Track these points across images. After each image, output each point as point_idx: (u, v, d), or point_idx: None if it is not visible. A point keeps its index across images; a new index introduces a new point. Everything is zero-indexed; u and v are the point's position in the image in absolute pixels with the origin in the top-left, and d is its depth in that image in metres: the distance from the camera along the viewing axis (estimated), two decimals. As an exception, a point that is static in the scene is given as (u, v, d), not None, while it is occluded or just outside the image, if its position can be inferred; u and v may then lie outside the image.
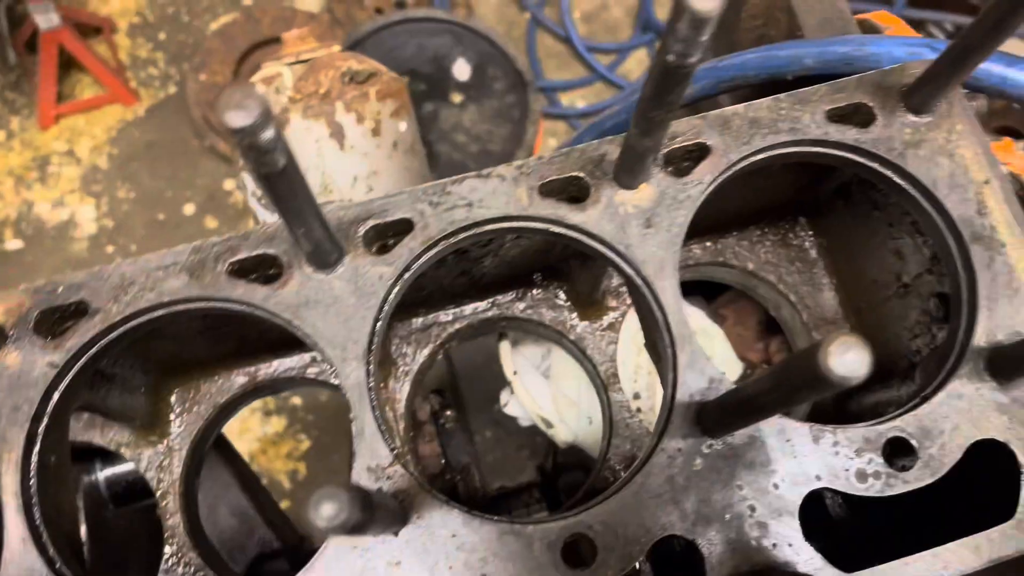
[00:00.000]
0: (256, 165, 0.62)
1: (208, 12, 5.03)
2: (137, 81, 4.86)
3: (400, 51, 3.74)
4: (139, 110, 4.79)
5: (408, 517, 0.80)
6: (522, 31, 5.21)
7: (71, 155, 4.68)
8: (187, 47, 4.95)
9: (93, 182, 4.63)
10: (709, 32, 0.62)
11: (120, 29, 4.97)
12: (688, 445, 0.84)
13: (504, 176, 0.91)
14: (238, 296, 0.86)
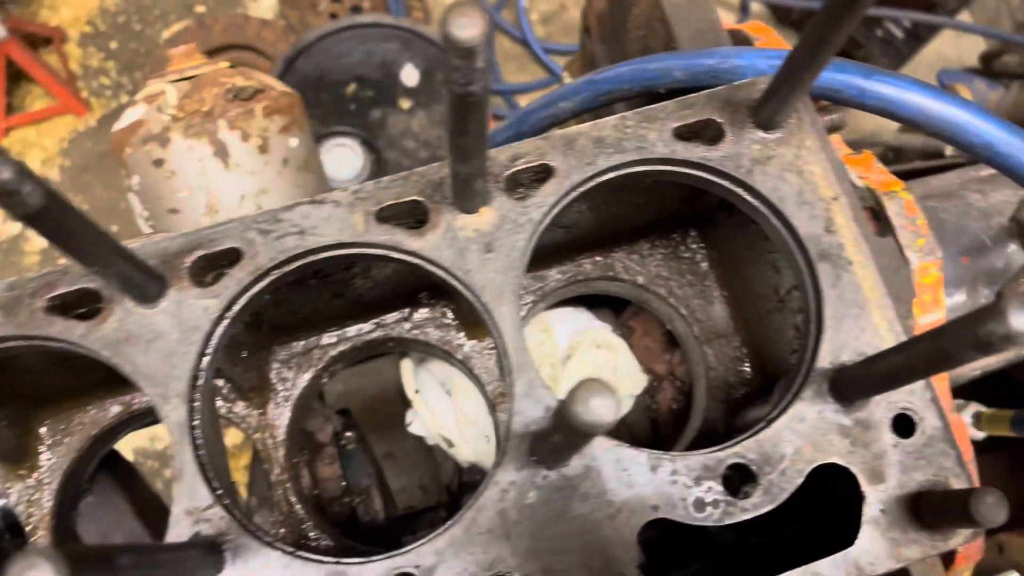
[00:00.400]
0: (8, 210, 0.59)
1: (160, 20, 4.98)
2: (89, 91, 4.80)
3: (347, 57, 3.70)
4: (91, 120, 4.74)
5: (224, 562, 0.77)
6: (480, 34, 5.17)
7: (22, 167, 4.61)
8: (139, 56, 4.89)
9: (44, 194, 4.56)
10: (482, 60, 0.60)
11: (71, 39, 4.91)
12: (522, 477, 0.81)
13: (339, 202, 0.88)
14: (55, 334, 0.83)
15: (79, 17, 4.95)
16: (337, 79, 3.75)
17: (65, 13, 4.95)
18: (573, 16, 5.34)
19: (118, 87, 4.82)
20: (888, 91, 0.97)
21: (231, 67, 1.45)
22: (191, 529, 0.79)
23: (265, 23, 4.77)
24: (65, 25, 4.92)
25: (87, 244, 0.69)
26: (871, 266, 0.87)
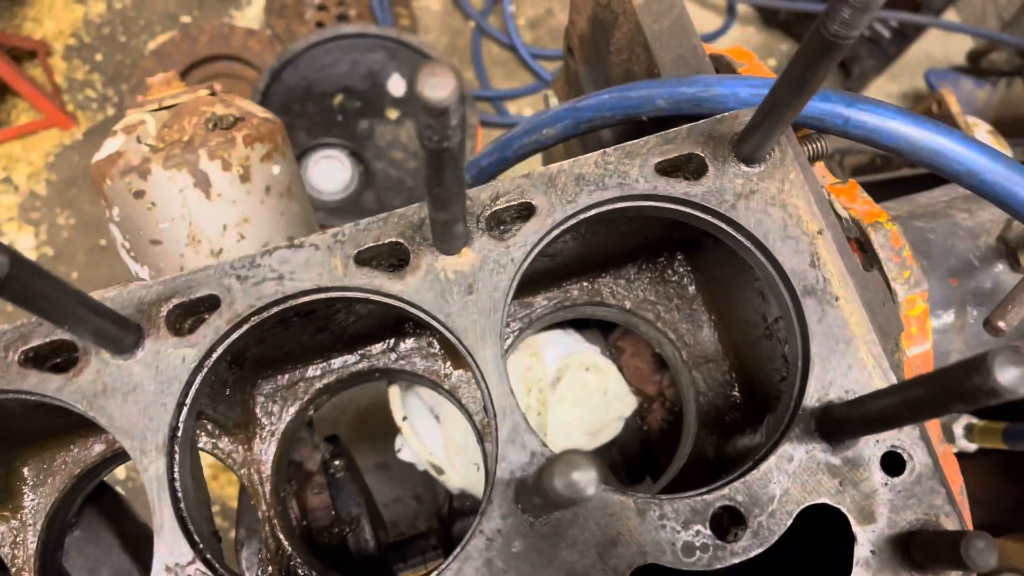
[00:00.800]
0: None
1: (145, 31, 4.94)
2: (74, 104, 4.77)
3: (334, 68, 3.68)
4: (77, 133, 4.70)
5: (206, 619, 0.76)
6: (467, 40, 5.17)
7: (8, 182, 4.58)
8: (124, 67, 4.86)
9: (31, 209, 4.54)
10: (455, 118, 0.59)
11: (55, 51, 4.87)
12: (508, 525, 0.80)
13: (318, 245, 0.87)
14: (30, 387, 0.81)
15: (63, 30, 4.92)
16: (324, 90, 3.73)
17: (49, 26, 4.91)
18: (560, 21, 5.33)
19: (104, 99, 4.79)
20: (871, 120, 0.96)
21: (211, 94, 1.43)
22: (172, 586, 0.77)
23: (251, 33, 4.74)
24: (49, 38, 4.88)
25: (55, 303, 0.67)
26: (857, 301, 0.87)
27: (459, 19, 5.24)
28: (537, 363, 1.45)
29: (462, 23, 5.23)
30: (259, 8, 5.03)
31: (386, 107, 3.70)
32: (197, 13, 5.05)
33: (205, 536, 0.81)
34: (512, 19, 5.07)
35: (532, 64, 5.01)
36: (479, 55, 5.08)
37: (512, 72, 5.19)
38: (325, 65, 3.68)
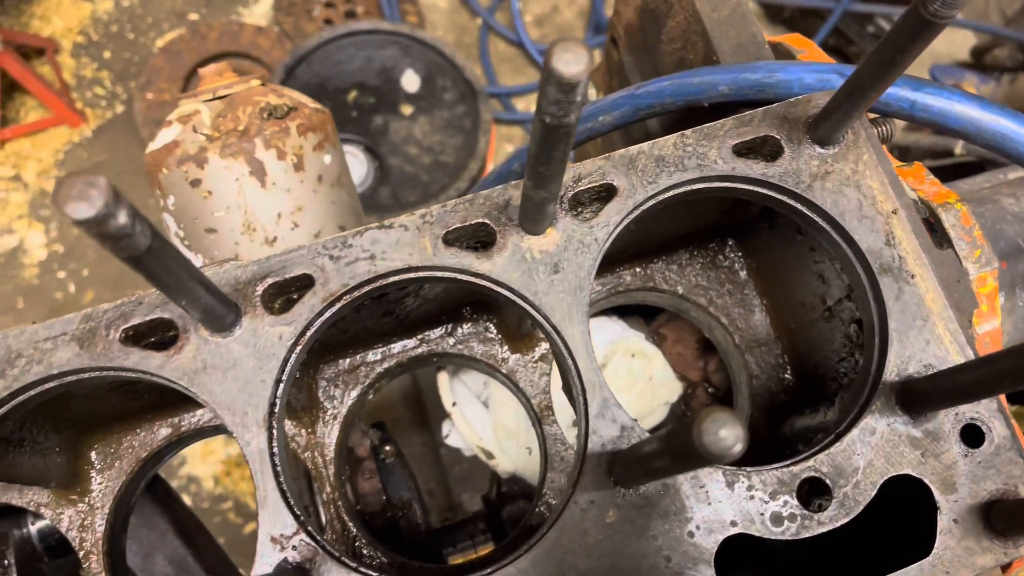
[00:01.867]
0: (115, 251, 0.59)
1: (153, 28, 4.95)
2: (83, 101, 4.77)
3: (347, 64, 3.69)
4: (86, 131, 4.70)
5: (306, 588, 0.78)
6: (474, 37, 5.18)
7: (18, 180, 4.58)
8: (133, 65, 4.86)
9: (41, 207, 4.53)
10: (581, 94, 0.61)
11: (64, 49, 4.86)
12: (600, 497, 0.82)
13: (407, 226, 0.89)
14: (131, 364, 0.83)
15: (71, 27, 4.91)
16: (337, 86, 3.74)
17: (57, 23, 4.91)
18: (566, 18, 5.35)
19: (113, 97, 4.78)
20: (938, 103, 0.98)
21: (262, 85, 1.45)
22: (278, 556, 0.79)
23: (259, 30, 4.75)
24: (58, 36, 4.88)
25: (179, 279, 0.69)
26: (933, 279, 0.89)
27: (466, 16, 5.26)
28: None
29: (469, 20, 5.25)
30: (266, 5, 5.04)
31: (400, 103, 3.71)
32: (205, 11, 5.05)
33: (303, 507, 0.83)
34: (519, 16, 5.08)
35: (540, 60, 5.03)
36: (486, 52, 5.10)
37: (519, 68, 5.21)
38: (339, 61, 3.69)
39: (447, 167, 3.65)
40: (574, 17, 5.35)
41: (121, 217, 0.55)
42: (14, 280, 4.38)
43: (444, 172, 3.65)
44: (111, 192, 0.53)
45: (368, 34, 3.66)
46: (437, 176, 3.60)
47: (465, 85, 3.77)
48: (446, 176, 3.60)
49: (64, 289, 4.36)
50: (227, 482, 4.17)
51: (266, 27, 4.81)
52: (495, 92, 4.93)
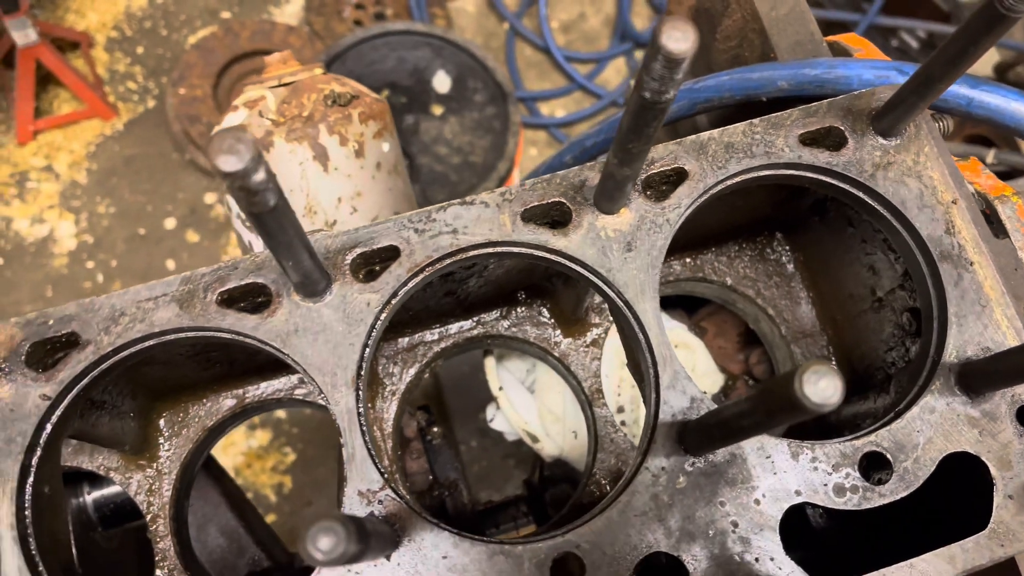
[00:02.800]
0: (247, 205, 0.63)
1: (186, 26, 5.02)
2: (115, 95, 4.84)
3: (380, 64, 3.75)
4: (118, 124, 4.77)
5: (399, 540, 0.82)
6: (501, 42, 5.24)
7: (50, 171, 4.65)
8: (165, 61, 4.93)
9: (72, 197, 4.60)
10: (683, 71, 0.65)
11: (98, 43, 4.94)
12: (671, 464, 0.86)
13: (487, 203, 0.93)
14: (228, 326, 0.87)
15: (106, 22, 4.99)
16: (370, 85, 3.79)
17: (92, 18, 4.99)
18: (592, 25, 5.40)
19: (145, 91, 4.86)
20: (995, 101, 1.02)
21: (324, 72, 1.50)
22: (364, 510, 0.83)
23: (291, 29, 4.82)
24: (92, 30, 4.96)
25: (291, 241, 0.74)
26: (991, 266, 0.93)
27: (494, 21, 5.32)
28: (631, 338, 1.51)
29: (496, 25, 5.31)
30: (297, 5, 5.11)
31: (431, 103, 3.77)
32: (237, 9, 5.13)
33: (385, 467, 0.87)
34: (546, 21, 5.14)
35: (565, 66, 5.09)
36: (513, 56, 5.15)
37: (544, 74, 5.26)
38: (372, 61, 3.75)
39: (476, 167, 3.70)
40: (600, 24, 5.41)
41: (260, 173, 0.60)
42: (44, 268, 4.44)
43: (473, 172, 3.70)
44: (256, 149, 0.58)
45: (402, 35, 3.72)
46: (466, 176, 3.65)
47: (495, 87, 3.82)
48: (475, 176, 3.65)
49: (92, 279, 4.42)
50: (248, 474, 4.21)
51: (297, 27, 4.88)
52: (521, 96, 4.98)
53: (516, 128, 3.76)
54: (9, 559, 0.80)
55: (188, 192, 4.67)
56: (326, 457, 4.26)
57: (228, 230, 4.60)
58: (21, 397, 0.84)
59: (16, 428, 0.83)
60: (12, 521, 0.81)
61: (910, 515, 0.92)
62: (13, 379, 0.84)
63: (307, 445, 4.26)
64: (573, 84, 5.12)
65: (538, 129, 4.98)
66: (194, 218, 4.62)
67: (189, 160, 4.65)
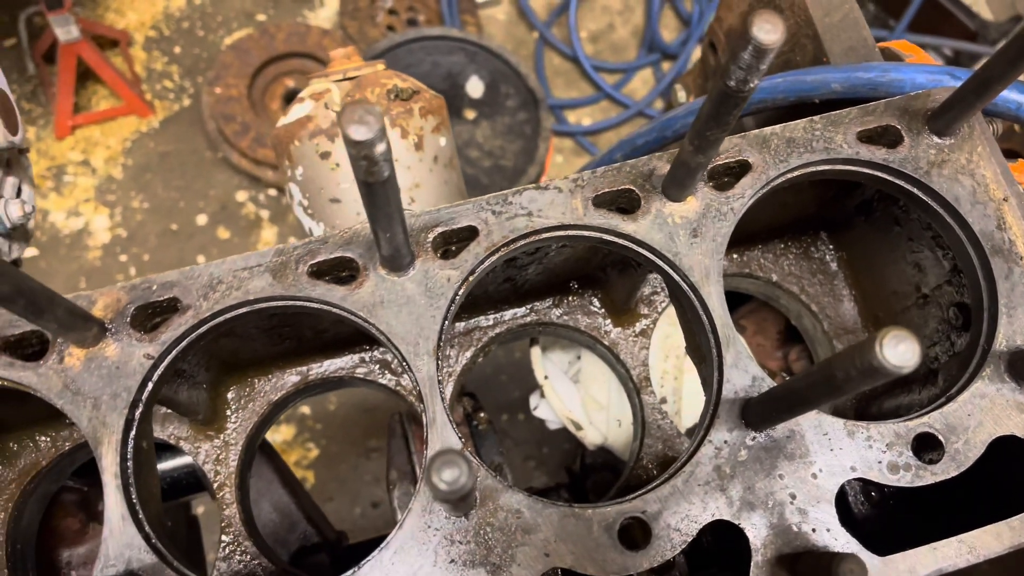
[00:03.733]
0: (365, 175, 0.69)
1: (223, 27, 5.12)
2: (152, 93, 4.94)
3: (415, 68, 3.82)
4: (154, 122, 4.87)
5: (476, 501, 0.87)
6: (530, 50, 5.31)
7: (86, 165, 4.75)
8: (202, 61, 5.03)
9: (107, 192, 4.70)
10: (769, 62, 0.70)
11: (136, 42, 5.05)
12: (733, 437, 0.91)
13: (561, 188, 0.98)
14: (317, 296, 0.93)
15: (144, 21, 5.10)
16: (404, 88, 3.86)
17: (131, 17, 5.10)
18: (621, 35, 5.47)
19: (181, 91, 4.96)
20: (1044, 106, 1.06)
21: (386, 68, 1.56)
22: (444, 471, 0.88)
23: (325, 32, 4.91)
24: (131, 29, 5.07)
25: (393, 213, 0.79)
26: (1040, 261, 0.97)
27: (523, 29, 5.39)
28: (675, 332, 1.55)
29: (526, 33, 5.39)
30: (332, 9, 5.21)
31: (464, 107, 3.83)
32: (272, 12, 5.22)
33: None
34: (575, 31, 5.21)
35: (593, 75, 5.15)
36: (541, 65, 5.22)
37: (572, 82, 5.33)
38: (408, 65, 3.82)
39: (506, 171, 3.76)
40: (628, 35, 5.47)
41: (383, 145, 0.65)
42: (78, 261, 4.53)
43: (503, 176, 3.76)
44: (383, 122, 0.63)
45: (437, 40, 3.79)
46: (496, 179, 3.71)
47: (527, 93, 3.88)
48: (505, 180, 3.71)
49: (125, 272, 4.51)
50: (271, 468, 4.26)
51: (331, 30, 4.97)
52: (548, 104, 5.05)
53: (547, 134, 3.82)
54: (113, 506, 0.85)
55: (220, 189, 4.76)
56: (348, 454, 4.32)
57: (258, 228, 4.68)
58: (126, 356, 0.89)
59: (121, 384, 0.88)
60: (116, 471, 0.86)
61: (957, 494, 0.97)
62: (119, 339, 0.90)
63: (330, 441, 4.32)
64: (600, 93, 5.18)
65: (564, 136, 5.04)
66: (225, 215, 4.71)
67: (222, 158, 4.73)
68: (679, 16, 5.47)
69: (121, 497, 0.86)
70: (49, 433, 1.26)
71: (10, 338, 0.89)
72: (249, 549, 1.24)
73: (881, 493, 1.22)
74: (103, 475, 0.86)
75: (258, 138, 4.58)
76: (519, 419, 4.16)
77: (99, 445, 0.87)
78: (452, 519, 0.87)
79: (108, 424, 0.87)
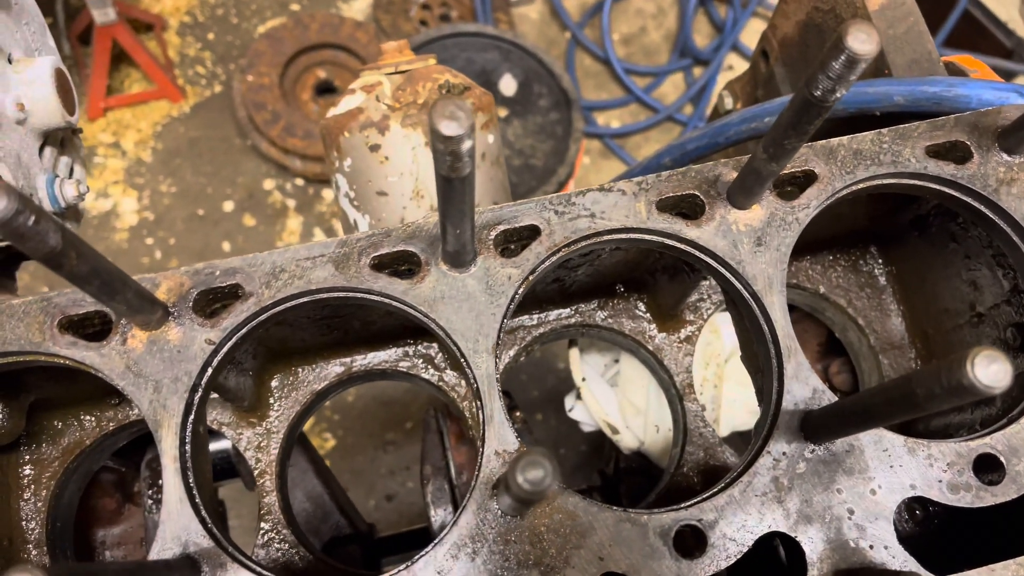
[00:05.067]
0: (448, 170, 0.69)
1: (256, 15, 5.14)
2: (184, 79, 4.97)
3: (449, 64, 3.82)
4: (185, 107, 4.90)
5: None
6: (561, 50, 5.31)
7: (117, 147, 4.78)
8: (234, 48, 5.05)
9: (136, 175, 4.73)
10: (859, 73, 0.69)
11: (171, 27, 5.08)
12: (792, 449, 0.90)
13: (624, 191, 0.98)
14: (379, 288, 0.93)
15: (179, 7, 5.13)
16: (437, 83, 3.86)
17: (167, 2, 5.13)
18: (653, 39, 5.45)
19: (212, 77, 4.98)
20: (1115, 127, 1.05)
21: (438, 63, 1.56)
22: (501, 469, 0.88)
23: (358, 25, 4.92)
24: (166, 13, 5.10)
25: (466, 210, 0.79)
26: (1109, 284, 0.96)
27: (556, 29, 5.39)
28: (716, 340, 1.55)
29: (558, 33, 5.38)
30: (365, 2, 5.22)
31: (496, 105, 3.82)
32: (307, 2, 5.24)
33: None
34: (608, 34, 5.19)
35: (624, 78, 5.14)
36: (572, 66, 5.22)
37: (602, 84, 5.32)
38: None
39: (536, 170, 3.75)
40: (660, 39, 5.45)
41: (470, 142, 0.65)
42: (105, 241, 4.56)
43: (533, 175, 3.75)
44: (472, 120, 0.63)
45: (472, 36, 3.79)
46: (525, 178, 3.70)
47: (560, 93, 3.88)
48: (534, 179, 3.70)
49: (151, 255, 4.54)
50: (287, 456, 4.27)
51: (364, 22, 4.99)
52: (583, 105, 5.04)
53: (578, 135, 3.81)
54: (171, 489, 0.86)
55: (247, 177, 4.78)
56: (365, 446, 4.33)
57: (284, 216, 4.70)
58: (188, 340, 0.89)
59: (183, 368, 0.89)
60: (176, 454, 0.87)
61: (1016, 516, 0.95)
62: (182, 323, 0.90)
63: (347, 433, 4.33)
64: (630, 96, 5.17)
65: (593, 138, 5.03)
66: (252, 203, 4.73)
67: (251, 146, 4.75)
68: (712, 22, 5.45)
69: (179, 480, 0.86)
70: (94, 413, 1.26)
71: (74, 317, 0.89)
72: (288, 537, 1.24)
73: (926, 511, 1.21)
74: (162, 458, 0.86)
75: (288, 127, 4.59)
76: (536, 419, 4.16)
77: (159, 428, 0.87)
78: (508, 518, 0.86)
79: (168, 407, 0.87)
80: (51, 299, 0.89)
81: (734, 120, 1.39)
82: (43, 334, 0.88)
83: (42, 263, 0.67)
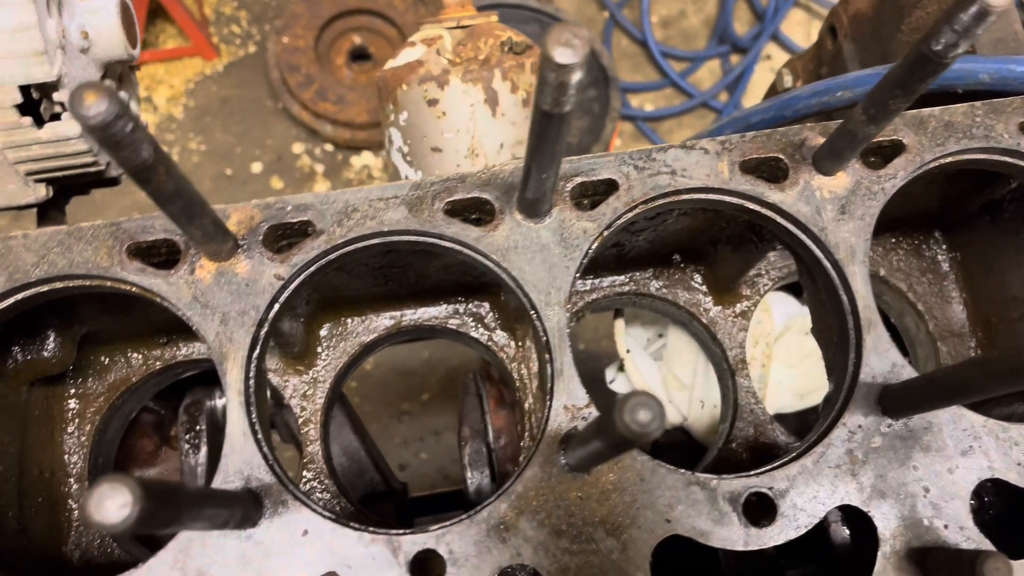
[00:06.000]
0: (552, 104, 0.66)
1: (294, -23, 5.10)
2: (219, 37, 4.94)
3: (488, 34, 3.78)
4: (218, 65, 4.88)
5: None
6: (598, 30, 5.24)
7: (148, 102, 4.77)
8: (270, 9, 5.02)
9: (167, 131, 4.72)
10: (985, 27, 0.66)
11: (208, -16, 5.05)
12: (868, 422, 0.88)
13: (707, 149, 0.95)
14: (451, 234, 0.90)
15: (218, -36, 5.10)
16: (475, 54, 3.82)
17: (205, -41, 5.10)
18: (692, 23, 5.38)
19: (247, 37, 4.95)
20: None
21: (499, 20, 1.52)
22: (569, 424, 0.86)
23: (397, -8, 4.87)
24: (204, -30, 5.07)
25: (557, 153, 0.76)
26: None
27: (594, 8, 5.32)
28: (767, 319, 1.52)
29: (596, 12, 5.31)
30: (404, -30, 5.17)
31: (534, 79, 3.78)
32: (345, -34, 5.20)
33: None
34: (647, 15, 5.12)
35: (661, 61, 5.07)
36: (609, 46, 5.15)
37: (638, 66, 5.25)
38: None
39: (571, 148, 3.71)
40: (699, 24, 5.38)
41: (581, 73, 0.62)
42: (132, 195, 4.56)
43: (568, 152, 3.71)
44: (589, 48, 0.60)
45: (513, 8, 3.75)
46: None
47: (599, 71, 3.83)
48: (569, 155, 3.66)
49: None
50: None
51: (403, -10, 4.93)
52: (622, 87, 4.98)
53: (615, 114, 3.77)
54: (236, 422, 0.84)
55: (277, 139, 4.76)
56: (380, 415, 4.33)
57: (312, 181, 4.68)
58: (257, 274, 0.88)
59: (250, 302, 0.87)
60: (240, 388, 0.85)
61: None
62: (251, 256, 0.88)
63: (363, 400, 4.33)
64: (666, 80, 5.11)
65: (626, 120, 4.97)
66: (280, 165, 4.71)
67: (282, 108, 4.73)
68: (753, 10, 5.37)
69: (243, 414, 0.84)
70: (141, 351, 1.25)
71: (143, 244, 0.87)
72: (330, 488, 1.23)
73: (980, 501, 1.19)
74: (227, 391, 0.85)
75: (320, 91, 4.56)
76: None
77: (224, 360, 0.85)
78: (575, 474, 0.84)
79: (235, 340, 0.86)
80: (120, 224, 0.88)
81: (803, 93, 1.36)
82: (111, 259, 0.87)
83: (131, 176, 0.66)
